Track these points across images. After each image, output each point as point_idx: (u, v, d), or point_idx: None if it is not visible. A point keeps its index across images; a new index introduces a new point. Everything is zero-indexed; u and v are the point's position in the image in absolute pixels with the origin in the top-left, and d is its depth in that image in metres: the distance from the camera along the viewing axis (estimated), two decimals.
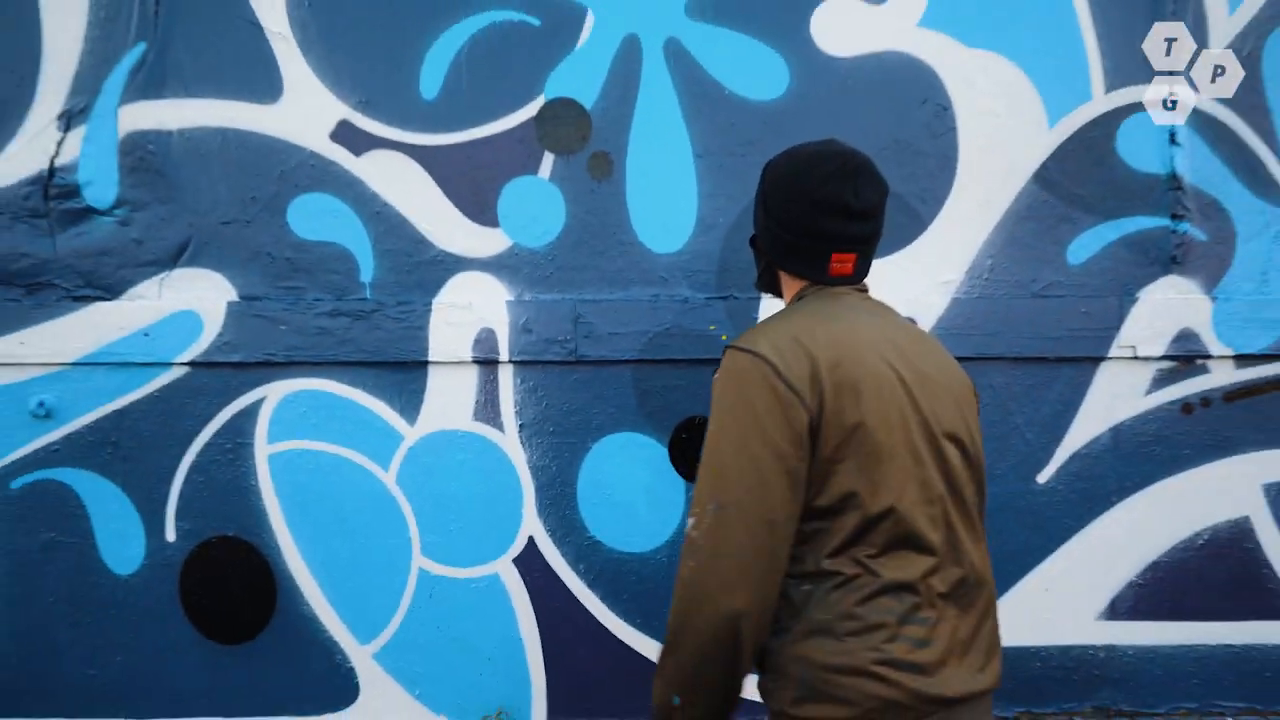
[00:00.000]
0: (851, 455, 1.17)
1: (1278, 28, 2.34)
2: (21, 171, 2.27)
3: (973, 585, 1.24)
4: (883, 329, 1.28)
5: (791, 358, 1.18)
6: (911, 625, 1.15)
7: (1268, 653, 2.35)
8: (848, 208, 1.30)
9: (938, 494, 1.22)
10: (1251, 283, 2.36)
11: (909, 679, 1.12)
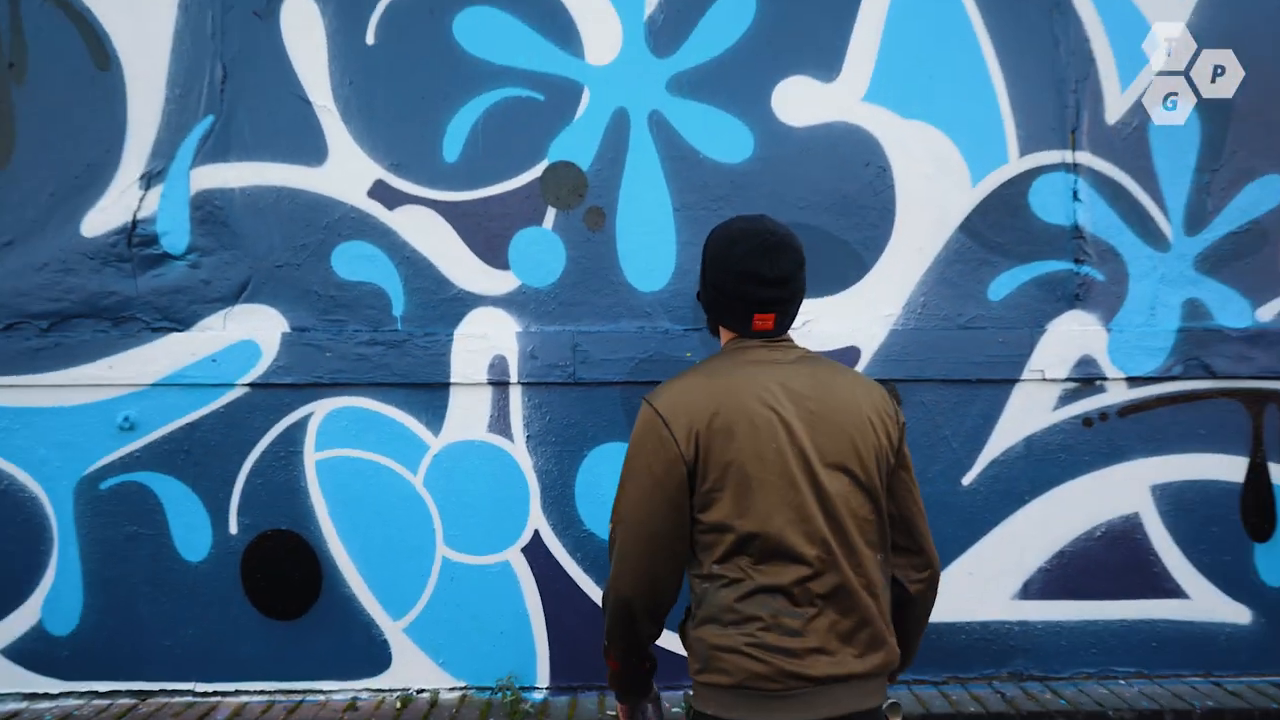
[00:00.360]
0: (727, 486, 1.47)
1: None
2: (110, 223, 2.70)
3: (850, 592, 1.49)
4: (778, 377, 1.55)
5: (679, 412, 1.50)
6: (785, 618, 1.45)
7: (1154, 626, 2.80)
8: (763, 278, 1.55)
9: (811, 515, 1.48)
10: (1141, 316, 2.80)
11: (777, 659, 1.43)
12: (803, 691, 1.44)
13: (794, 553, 1.45)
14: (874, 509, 1.54)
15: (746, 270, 1.56)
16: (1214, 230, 2.81)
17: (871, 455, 1.53)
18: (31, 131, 2.69)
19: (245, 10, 2.71)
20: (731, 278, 1.57)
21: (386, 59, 2.73)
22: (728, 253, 1.59)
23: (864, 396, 1.59)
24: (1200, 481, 2.80)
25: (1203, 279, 2.81)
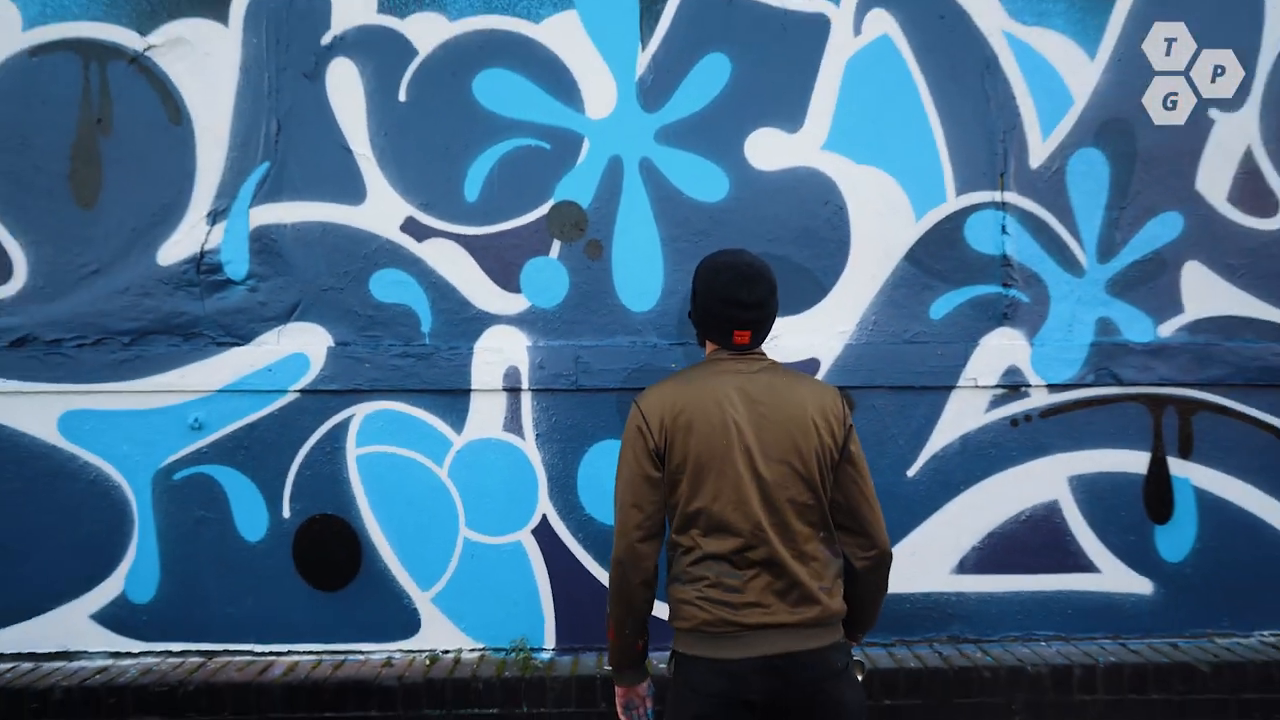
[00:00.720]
0: (686, 471, 1.88)
1: (1077, 150, 3.27)
2: (181, 254, 3.18)
3: (780, 561, 1.84)
4: (739, 384, 1.93)
5: (653, 410, 1.92)
6: (727, 579, 1.86)
7: (1070, 596, 3.28)
8: (742, 302, 1.94)
9: (748, 498, 1.85)
10: (1060, 332, 3.28)
11: (720, 610, 1.84)
12: (742, 634, 1.84)
13: (733, 528, 1.86)
14: (813, 496, 1.89)
15: (729, 296, 1.95)
16: (1122, 259, 3.29)
17: (812, 452, 1.89)
18: (116, 176, 3.17)
19: (296, 73, 3.18)
20: (716, 302, 1.97)
21: (416, 113, 3.21)
22: (713, 281, 1.99)
23: (812, 402, 1.93)
24: (1110, 473, 3.29)
25: (1112, 300, 3.29)
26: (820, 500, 1.91)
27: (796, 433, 1.89)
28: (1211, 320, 3.30)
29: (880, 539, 1.99)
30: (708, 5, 3.22)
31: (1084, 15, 3.26)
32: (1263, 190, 3.29)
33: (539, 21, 3.20)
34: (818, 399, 1.95)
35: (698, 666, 1.88)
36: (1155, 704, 3.05)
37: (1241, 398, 3.28)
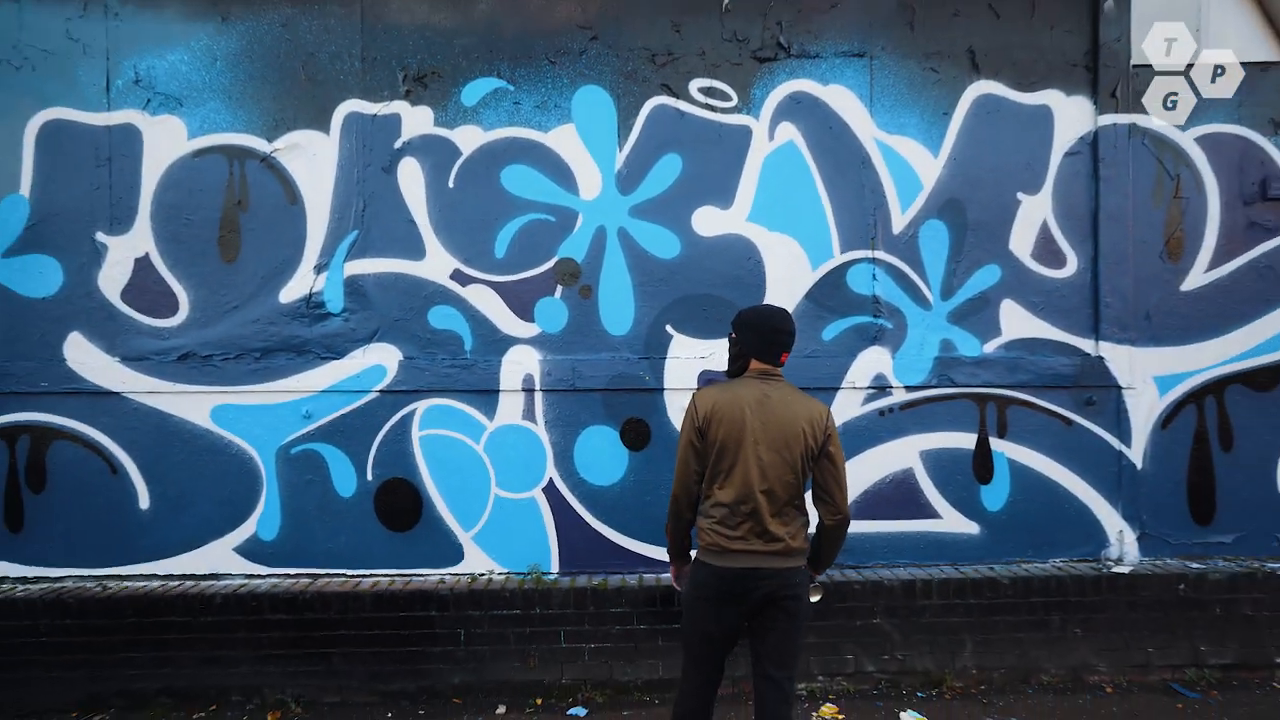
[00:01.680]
0: (715, 448, 2.90)
1: (926, 221, 4.65)
2: (296, 295, 4.53)
3: (758, 514, 2.87)
4: (758, 395, 2.91)
5: (702, 403, 3.03)
6: (729, 520, 2.99)
7: (920, 535, 4.66)
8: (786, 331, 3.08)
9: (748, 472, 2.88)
10: (914, 349, 4.66)
11: (720, 539, 3.00)
12: (731, 554, 2.95)
13: (733, 490, 2.94)
14: (794, 477, 2.91)
15: (776, 328, 3.03)
16: (958, 298, 4.67)
17: (798, 447, 2.90)
18: (250, 240, 4.53)
19: (377, 168, 4.54)
20: (769, 332, 3.02)
21: (460, 196, 4.57)
22: (763, 322, 3.05)
23: (803, 414, 2.93)
24: (948, 448, 4.67)
25: (951, 327, 4.67)
26: (799, 481, 2.94)
27: (789, 433, 2.92)
28: (1020, 341, 4.68)
29: (843, 508, 3.01)
30: (664, 120, 4.59)
31: (930, 127, 4.64)
32: (1055, 250, 4.68)
33: (547, 131, 4.58)
34: (807, 412, 2.96)
35: (703, 570, 3.00)
36: (972, 606, 4.42)
37: (1040, 395, 4.67)
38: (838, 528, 3.03)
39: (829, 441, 2.98)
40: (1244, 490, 4.70)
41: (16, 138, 4.50)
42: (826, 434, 2.97)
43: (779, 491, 2.94)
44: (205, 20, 4.54)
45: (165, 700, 4.29)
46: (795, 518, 3.00)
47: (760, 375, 3.05)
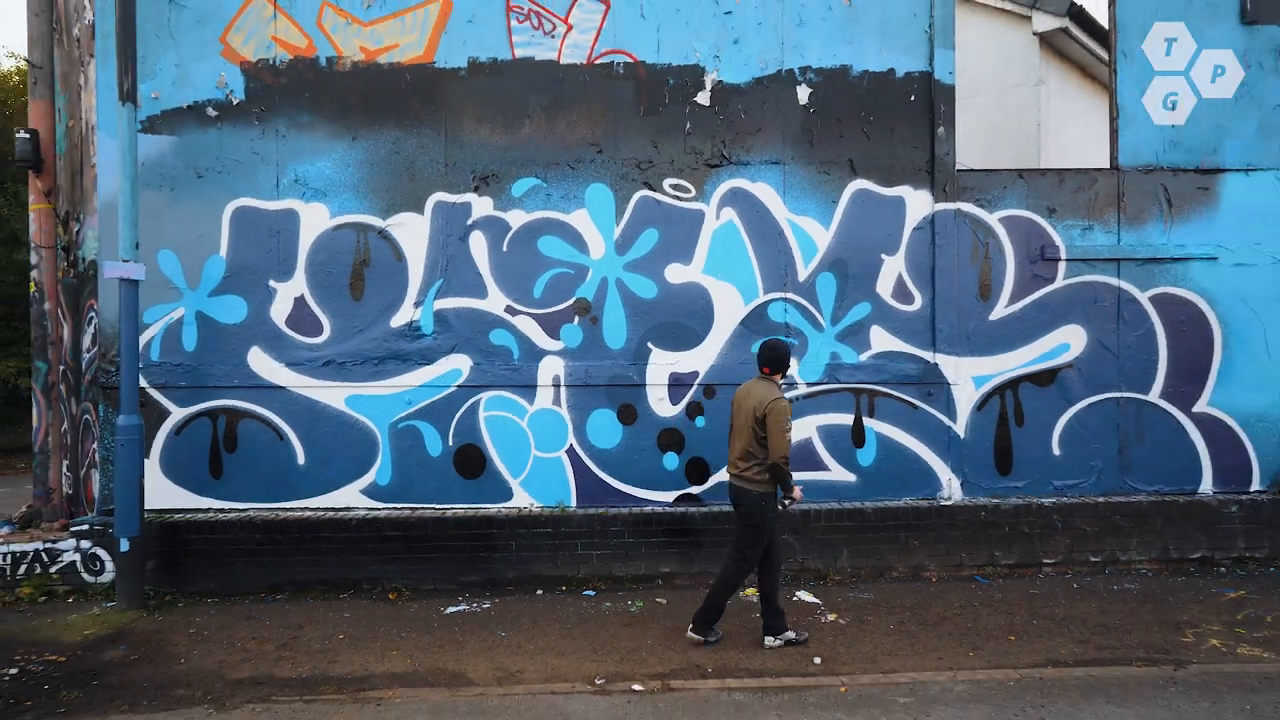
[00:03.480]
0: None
1: (820, 273, 7.00)
2: (402, 321, 6.84)
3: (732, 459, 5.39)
4: (752, 388, 5.41)
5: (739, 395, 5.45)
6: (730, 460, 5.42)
7: (816, 482, 7.00)
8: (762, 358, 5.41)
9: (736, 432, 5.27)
10: (814, 359, 7.01)
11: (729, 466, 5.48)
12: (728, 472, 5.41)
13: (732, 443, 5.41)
14: (754, 435, 5.18)
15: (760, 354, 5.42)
16: (841, 325, 7.02)
17: (751, 417, 5.20)
18: (372, 285, 6.82)
19: (455, 237, 6.85)
20: (783, 356, 5.36)
21: (511, 256, 6.88)
22: (787, 352, 5.41)
23: (758, 397, 5.21)
24: (836, 424, 7.02)
25: (838, 344, 7.02)
26: (756, 437, 5.18)
27: (750, 409, 5.24)
28: (883, 353, 7.03)
29: (774, 455, 5.09)
30: (646, 206, 6.92)
31: (823, 210, 6.99)
32: (907, 292, 7.02)
33: (569, 214, 6.90)
34: (760, 396, 5.19)
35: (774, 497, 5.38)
36: (848, 527, 6.77)
37: (896, 389, 7.02)
38: (773, 466, 5.16)
39: (767, 414, 5.15)
40: (1030, 452, 7.08)
41: (217, 218, 6.79)
42: (765, 411, 5.18)
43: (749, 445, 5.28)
44: (341, 139, 6.84)
45: (320, 587, 6.59)
46: (749, 457, 5.29)
47: (762, 377, 5.43)
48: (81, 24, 7.14)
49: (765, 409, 5.15)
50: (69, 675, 5.04)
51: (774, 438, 5.13)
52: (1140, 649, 5.17)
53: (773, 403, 5.16)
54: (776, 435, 5.13)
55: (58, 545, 6.64)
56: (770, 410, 5.13)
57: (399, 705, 4.53)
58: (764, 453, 5.19)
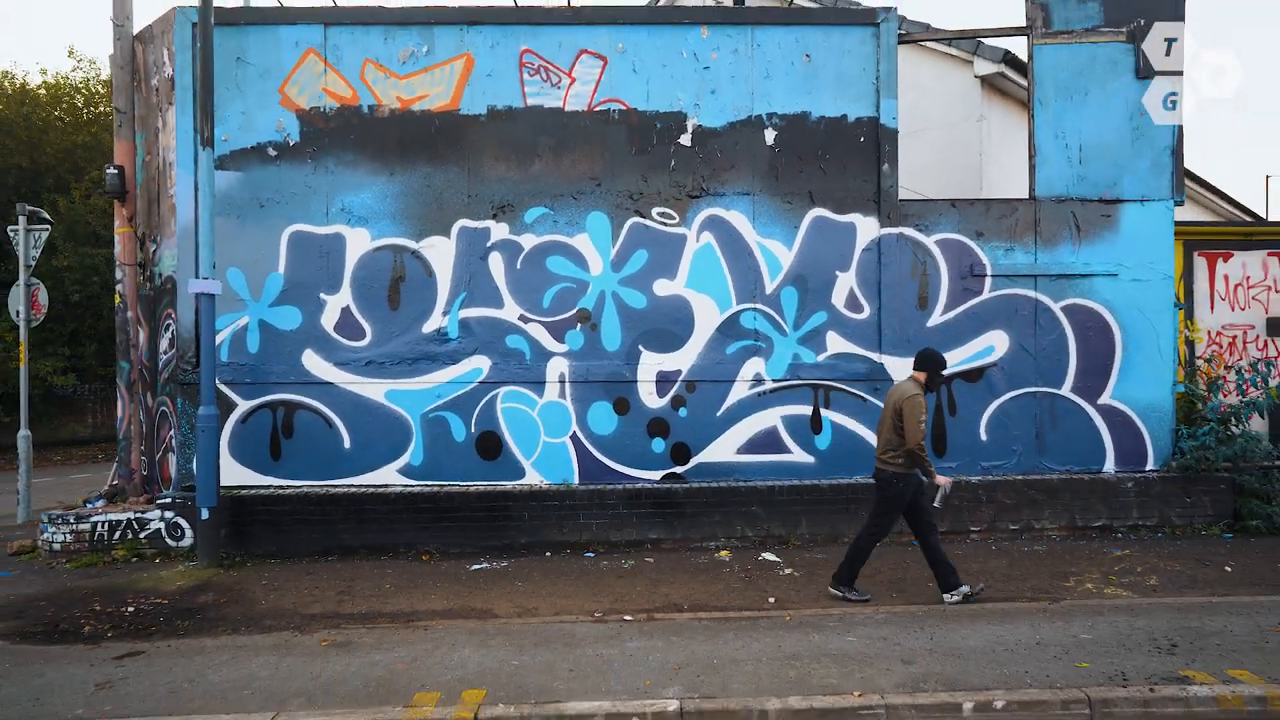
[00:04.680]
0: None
1: (785, 287, 8.30)
2: (431, 328, 8.14)
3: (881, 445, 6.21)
4: (898, 385, 6.22)
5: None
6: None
7: (779, 463, 8.31)
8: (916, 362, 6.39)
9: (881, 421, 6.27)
10: (779, 359, 8.32)
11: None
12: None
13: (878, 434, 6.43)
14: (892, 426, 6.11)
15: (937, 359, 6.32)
16: (802, 330, 8.33)
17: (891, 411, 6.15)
18: (408, 297, 8.12)
19: (476, 257, 8.15)
20: (935, 360, 6.26)
21: (524, 273, 8.19)
22: (936, 356, 6.30)
23: (899, 393, 6.13)
24: (797, 414, 8.32)
25: (799, 346, 8.33)
26: (894, 427, 6.07)
27: (892, 403, 6.18)
28: (838, 354, 8.34)
29: (910, 442, 5.95)
30: (637, 231, 8.22)
31: (787, 234, 8.29)
32: (858, 303, 8.33)
33: (572, 237, 8.20)
34: (900, 392, 6.11)
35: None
36: (806, 500, 8.08)
37: (848, 385, 8.32)
38: (909, 453, 5.99)
39: (902, 407, 6.01)
40: (962, 438, 8.39)
41: (277, 241, 8.08)
42: (901, 405, 6.01)
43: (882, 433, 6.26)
44: (381, 174, 8.14)
45: (364, 550, 7.90)
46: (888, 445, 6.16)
47: (911, 377, 6.29)
48: (160, 76, 8.43)
49: (902, 403, 6.04)
50: (175, 611, 6.34)
51: (909, 427, 5.99)
52: (1029, 591, 6.48)
53: (909, 398, 6.04)
54: (911, 425, 5.98)
55: (145, 515, 7.94)
56: (906, 404, 6.01)
57: (443, 630, 5.82)
58: (901, 441, 6.05)
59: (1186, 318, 9.05)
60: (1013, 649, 5.10)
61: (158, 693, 4.67)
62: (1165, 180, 8.37)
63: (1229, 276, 9.06)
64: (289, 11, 8.22)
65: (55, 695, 4.64)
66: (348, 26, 8.14)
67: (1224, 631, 5.32)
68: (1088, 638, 5.27)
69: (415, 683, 4.74)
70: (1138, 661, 4.81)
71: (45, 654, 5.41)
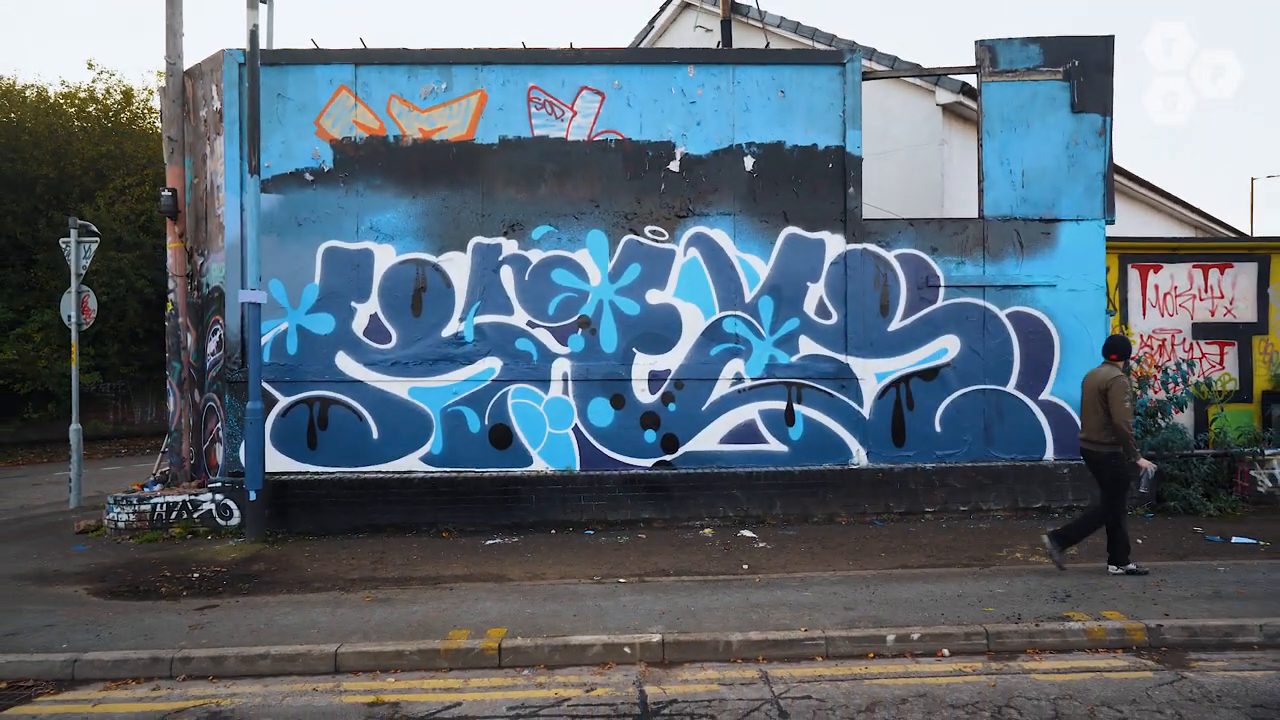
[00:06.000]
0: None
1: (762, 296, 9.40)
2: (450, 333, 9.23)
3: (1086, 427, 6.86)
4: (1096, 372, 6.82)
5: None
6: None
7: (758, 453, 9.40)
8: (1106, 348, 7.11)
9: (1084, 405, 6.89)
10: (756, 359, 9.40)
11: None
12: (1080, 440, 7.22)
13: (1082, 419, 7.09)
14: (1099, 408, 6.72)
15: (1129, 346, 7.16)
16: (777, 334, 9.41)
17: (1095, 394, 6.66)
18: (428, 306, 9.20)
19: (490, 270, 9.24)
20: (1127, 346, 6.95)
21: (531, 284, 9.27)
22: (1127, 343, 6.97)
23: (1101, 377, 6.72)
24: (773, 409, 9.41)
25: (774, 348, 9.41)
26: (1101, 408, 6.63)
27: (1093, 387, 6.80)
28: (809, 355, 9.42)
29: (1117, 420, 6.52)
30: (631, 247, 9.31)
31: (764, 250, 9.38)
32: (827, 310, 9.42)
33: (574, 252, 9.28)
34: (1102, 376, 6.69)
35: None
36: (781, 485, 9.17)
37: (819, 383, 9.40)
38: (1115, 432, 6.53)
39: (1108, 390, 6.48)
40: (918, 430, 9.48)
41: (313, 256, 9.16)
42: (1105, 389, 6.49)
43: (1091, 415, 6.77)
44: (404, 196, 9.22)
45: (391, 529, 8.98)
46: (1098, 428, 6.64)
47: (1106, 362, 6.80)
48: (209, 109, 9.50)
49: (1107, 385, 6.52)
50: (234, 576, 7.42)
51: (1116, 407, 6.49)
52: (965, 559, 7.57)
53: (1114, 380, 6.53)
54: (1118, 405, 6.47)
55: (198, 498, 9.02)
56: (1111, 385, 6.49)
57: (465, 590, 6.90)
58: (1109, 421, 6.57)
59: (1122, 322, 10.16)
60: (938, 600, 6.18)
61: (241, 631, 5.75)
62: (1097, 202, 9.46)
63: (1159, 286, 10.16)
64: (323, 53, 9.28)
65: (160, 633, 5.73)
66: (376, 66, 9.21)
67: (1114, 587, 6.41)
68: (1001, 592, 6.36)
69: (448, 624, 5.82)
70: (1035, 607, 5.90)
71: (139, 606, 6.49)
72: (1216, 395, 10.17)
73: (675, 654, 5.33)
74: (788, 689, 4.81)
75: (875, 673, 5.05)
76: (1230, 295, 10.23)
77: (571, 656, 5.33)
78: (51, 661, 5.22)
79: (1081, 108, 9.39)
